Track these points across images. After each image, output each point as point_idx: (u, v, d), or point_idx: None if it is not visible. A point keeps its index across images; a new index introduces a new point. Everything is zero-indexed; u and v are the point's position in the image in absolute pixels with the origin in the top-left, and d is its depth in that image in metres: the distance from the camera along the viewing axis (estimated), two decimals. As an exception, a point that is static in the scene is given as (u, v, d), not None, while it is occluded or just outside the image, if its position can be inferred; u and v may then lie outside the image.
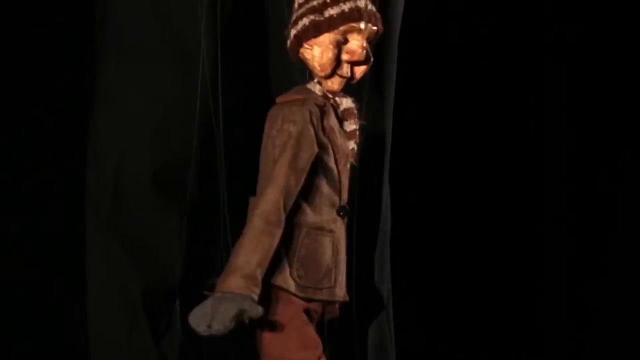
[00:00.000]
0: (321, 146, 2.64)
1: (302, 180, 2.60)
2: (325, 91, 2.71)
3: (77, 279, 3.40)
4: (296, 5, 2.72)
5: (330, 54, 2.65)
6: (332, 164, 2.66)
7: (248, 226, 2.57)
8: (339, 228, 2.68)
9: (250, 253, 2.52)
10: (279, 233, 2.56)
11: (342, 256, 2.69)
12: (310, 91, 2.71)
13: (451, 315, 4.31)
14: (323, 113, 2.66)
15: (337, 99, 2.72)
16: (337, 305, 2.72)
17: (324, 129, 2.65)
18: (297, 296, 2.60)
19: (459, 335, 4.30)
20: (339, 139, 2.69)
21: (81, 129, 3.44)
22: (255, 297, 2.48)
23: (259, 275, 2.51)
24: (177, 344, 3.39)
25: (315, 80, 2.72)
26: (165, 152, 3.35)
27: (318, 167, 2.64)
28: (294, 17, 2.71)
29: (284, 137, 2.60)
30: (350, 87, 2.84)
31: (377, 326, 3.51)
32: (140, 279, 3.32)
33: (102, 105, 3.39)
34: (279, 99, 2.71)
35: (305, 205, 2.63)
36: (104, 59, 3.39)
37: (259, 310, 2.46)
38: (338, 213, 2.66)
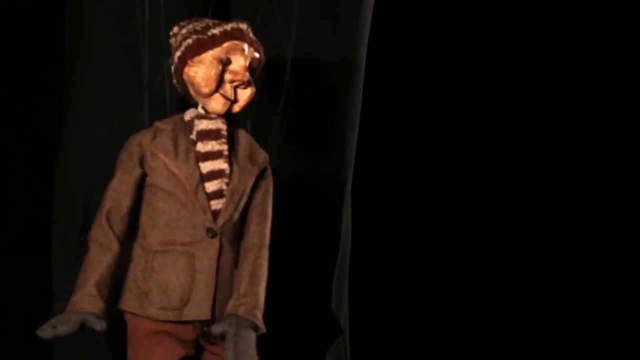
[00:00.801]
0: (151, 169, 2.75)
1: (129, 202, 2.74)
2: (197, 115, 2.79)
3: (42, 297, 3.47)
4: (175, 31, 2.83)
5: (214, 70, 2.74)
6: (172, 186, 2.73)
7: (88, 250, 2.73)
8: (203, 248, 2.72)
9: (88, 272, 2.68)
10: (110, 254, 2.69)
11: (203, 276, 2.71)
12: (174, 119, 2.84)
13: (409, 339, 4.39)
14: (156, 138, 2.77)
15: (195, 121, 2.79)
16: (197, 325, 2.75)
17: (154, 153, 2.75)
18: (141, 316, 2.71)
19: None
20: (179, 161, 2.74)
21: (49, 155, 3.52)
22: (97, 312, 2.64)
23: (98, 292, 2.65)
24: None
25: (200, 106, 2.81)
26: None
27: (158, 189, 2.74)
28: (177, 42, 2.80)
29: (116, 164, 2.80)
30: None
31: (334, 351, 3.59)
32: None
33: (71, 133, 3.46)
34: None
35: (146, 227, 2.75)
36: (73, 89, 3.46)
37: (102, 325, 2.63)
38: (205, 234, 2.72)
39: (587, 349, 4.49)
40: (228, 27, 2.78)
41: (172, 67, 2.82)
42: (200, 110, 2.79)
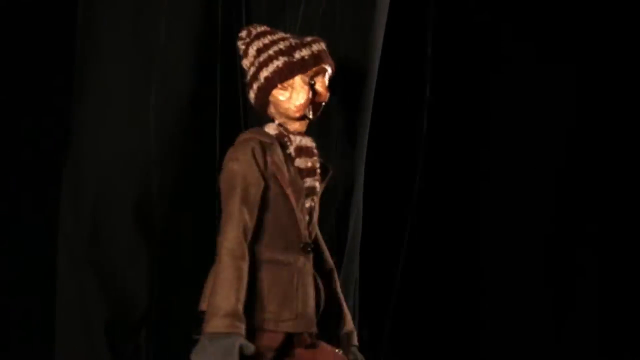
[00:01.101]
0: (266, 181, 2.72)
1: (255, 214, 2.69)
2: (281, 131, 2.78)
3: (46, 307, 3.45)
4: (255, 50, 2.79)
5: (306, 96, 2.74)
6: (280, 199, 2.73)
7: (218, 266, 2.64)
8: (302, 263, 2.75)
9: (227, 291, 2.60)
10: (245, 266, 2.64)
11: (307, 289, 2.76)
12: (260, 131, 2.79)
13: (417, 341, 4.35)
14: (265, 150, 2.73)
15: (290, 136, 2.79)
16: (305, 337, 2.78)
17: (266, 165, 2.72)
18: (263, 329, 2.70)
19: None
20: (289, 175, 2.75)
21: (57, 155, 3.50)
22: (243, 333, 2.58)
23: (241, 309, 2.60)
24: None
25: (276, 122, 2.80)
26: (139, 186, 3.42)
27: (266, 202, 2.73)
28: (260, 59, 2.77)
29: (228, 175, 2.70)
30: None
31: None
32: (108, 310, 3.37)
33: (80, 132, 3.45)
34: (237, 139, 2.81)
35: (258, 240, 2.73)
36: (83, 89, 3.45)
37: (251, 348, 2.58)
38: (301, 250, 2.74)
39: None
40: (314, 49, 2.77)
41: (255, 85, 2.80)
42: (279, 127, 2.79)
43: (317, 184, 2.81)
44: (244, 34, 2.83)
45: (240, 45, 2.83)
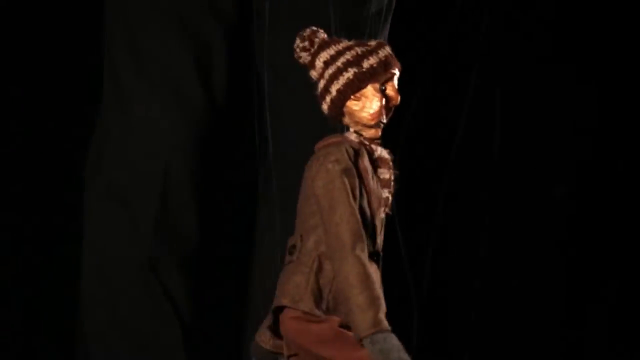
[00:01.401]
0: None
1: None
2: (362, 140, 2.80)
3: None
4: (322, 62, 2.81)
5: (379, 103, 2.76)
6: (365, 204, 2.73)
7: (347, 262, 2.62)
8: (374, 270, 2.72)
9: (371, 286, 2.59)
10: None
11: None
12: (344, 137, 2.82)
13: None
14: (357, 155, 2.75)
15: (372, 146, 2.81)
16: None
17: (358, 169, 2.73)
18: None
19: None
20: (372, 183, 2.76)
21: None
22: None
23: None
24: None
25: (352, 130, 2.82)
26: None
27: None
28: (329, 71, 2.80)
29: (330, 177, 2.68)
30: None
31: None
32: None
33: (109, 109, 3.55)
34: (316, 146, 2.81)
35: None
36: (113, 64, 3.55)
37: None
38: (371, 258, 2.70)
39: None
40: (381, 55, 2.78)
41: (328, 98, 2.81)
42: (359, 136, 2.80)
43: (390, 197, 2.81)
44: (306, 44, 2.83)
45: (305, 56, 2.84)
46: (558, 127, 4.58)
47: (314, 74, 2.83)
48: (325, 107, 2.83)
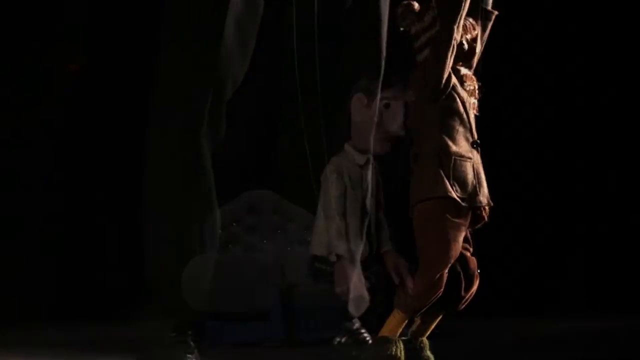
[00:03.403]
0: (454, 98, 3.72)
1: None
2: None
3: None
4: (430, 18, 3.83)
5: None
6: (461, 109, 3.71)
7: None
8: (475, 156, 3.73)
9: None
10: None
11: (482, 175, 3.74)
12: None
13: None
14: (450, 78, 3.69)
15: (460, 68, 3.78)
16: (483, 211, 3.78)
17: (454, 86, 3.71)
18: (456, 200, 3.67)
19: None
20: (463, 93, 3.74)
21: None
22: None
23: None
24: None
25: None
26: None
27: (453, 112, 3.70)
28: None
29: None
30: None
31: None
32: None
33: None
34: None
35: (448, 140, 3.69)
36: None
37: None
38: (472, 145, 3.71)
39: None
40: None
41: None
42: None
43: (476, 101, 3.81)
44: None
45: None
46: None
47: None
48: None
